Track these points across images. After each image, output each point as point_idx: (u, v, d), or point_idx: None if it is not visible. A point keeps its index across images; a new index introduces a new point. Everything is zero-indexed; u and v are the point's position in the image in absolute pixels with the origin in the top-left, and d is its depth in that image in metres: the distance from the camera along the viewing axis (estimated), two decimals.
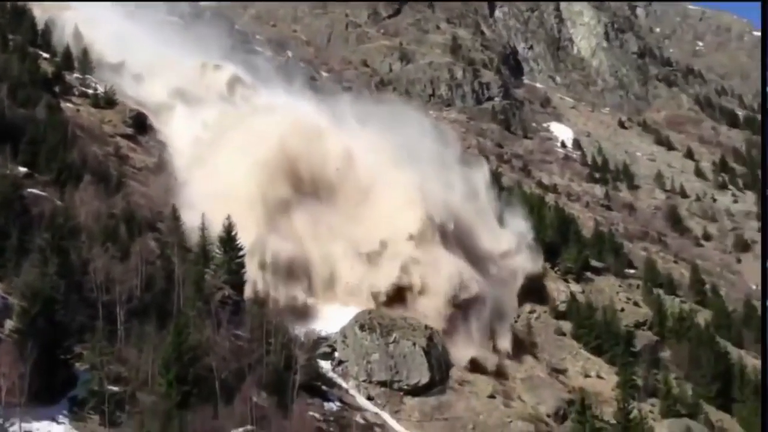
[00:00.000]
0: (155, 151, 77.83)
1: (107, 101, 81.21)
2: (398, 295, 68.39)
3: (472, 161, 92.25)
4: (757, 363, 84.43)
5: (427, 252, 69.78)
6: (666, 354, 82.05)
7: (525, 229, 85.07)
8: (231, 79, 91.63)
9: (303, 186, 71.97)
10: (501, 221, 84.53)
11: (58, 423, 40.37)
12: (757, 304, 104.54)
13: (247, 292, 55.41)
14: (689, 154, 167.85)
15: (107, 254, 49.61)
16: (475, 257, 75.56)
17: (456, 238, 74.29)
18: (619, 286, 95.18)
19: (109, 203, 57.92)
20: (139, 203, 62.77)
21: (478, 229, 79.43)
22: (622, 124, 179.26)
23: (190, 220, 60.20)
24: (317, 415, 50.11)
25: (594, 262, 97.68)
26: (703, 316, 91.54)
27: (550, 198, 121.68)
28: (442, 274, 68.42)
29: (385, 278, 68.04)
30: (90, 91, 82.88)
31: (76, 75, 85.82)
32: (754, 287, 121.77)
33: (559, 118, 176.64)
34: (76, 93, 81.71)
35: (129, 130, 79.70)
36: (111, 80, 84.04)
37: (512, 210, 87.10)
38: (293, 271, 64.62)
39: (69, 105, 76.87)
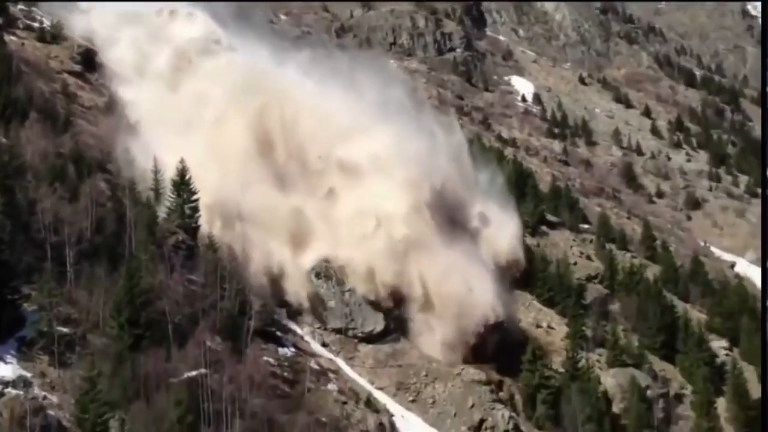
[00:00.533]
0: (105, 89, 75.98)
1: (54, 36, 78.25)
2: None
3: (443, 122, 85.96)
4: (701, 316, 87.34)
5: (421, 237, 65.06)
6: (615, 306, 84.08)
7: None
8: (185, 19, 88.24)
9: (270, 145, 67.76)
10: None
11: (6, 362, 40.12)
12: (704, 260, 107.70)
13: (201, 236, 55.00)
14: (646, 113, 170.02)
15: (55, 195, 48.91)
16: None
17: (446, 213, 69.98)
18: (573, 240, 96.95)
19: (57, 142, 56.64)
20: (88, 143, 61.55)
21: (466, 202, 74.94)
22: (582, 80, 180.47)
23: (143, 162, 59.58)
24: (271, 360, 50.56)
25: (550, 217, 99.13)
26: (652, 271, 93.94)
27: (508, 152, 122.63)
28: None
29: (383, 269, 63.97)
30: (36, 25, 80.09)
31: (20, 6, 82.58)
32: (702, 243, 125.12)
33: (520, 71, 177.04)
34: (21, 26, 78.66)
35: (77, 67, 77.16)
36: (58, 14, 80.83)
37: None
38: (263, 223, 61.70)
39: (13, 38, 74.00)
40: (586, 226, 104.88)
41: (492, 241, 75.11)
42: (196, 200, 56.17)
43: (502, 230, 77.05)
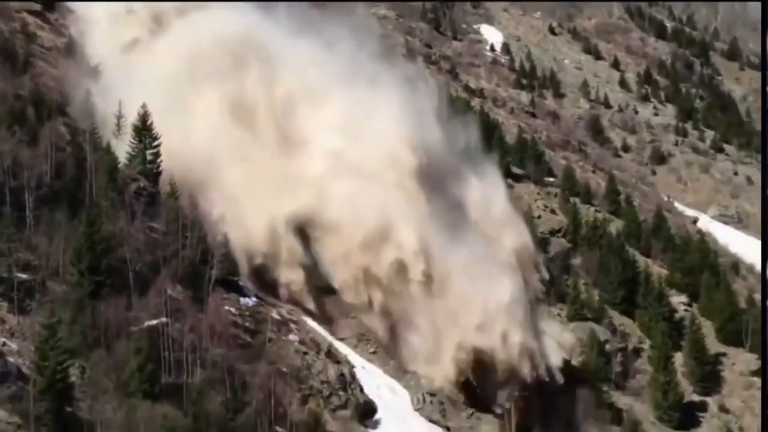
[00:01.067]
0: (65, 30, 74.40)
1: None
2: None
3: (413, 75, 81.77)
4: (662, 272, 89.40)
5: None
6: (577, 261, 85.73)
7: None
8: None
9: (244, 105, 65.21)
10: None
11: None
12: (667, 215, 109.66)
13: (163, 183, 54.63)
14: (615, 65, 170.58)
15: (14, 138, 48.30)
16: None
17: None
18: (538, 193, 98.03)
19: (16, 84, 55.75)
20: (49, 85, 60.55)
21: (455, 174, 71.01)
22: (552, 30, 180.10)
23: (104, 107, 58.76)
24: (233, 310, 50.96)
25: (515, 169, 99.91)
26: (615, 226, 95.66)
27: (476, 103, 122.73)
28: None
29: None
30: None
31: None
32: (665, 199, 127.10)
33: (489, 20, 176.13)
34: None
35: (37, 6, 75.65)
36: None
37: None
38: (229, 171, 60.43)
39: None
40: (551, 179, 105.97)
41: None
42: (158, 146, 55.67)
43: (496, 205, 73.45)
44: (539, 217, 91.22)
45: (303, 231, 61.50)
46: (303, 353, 53.38)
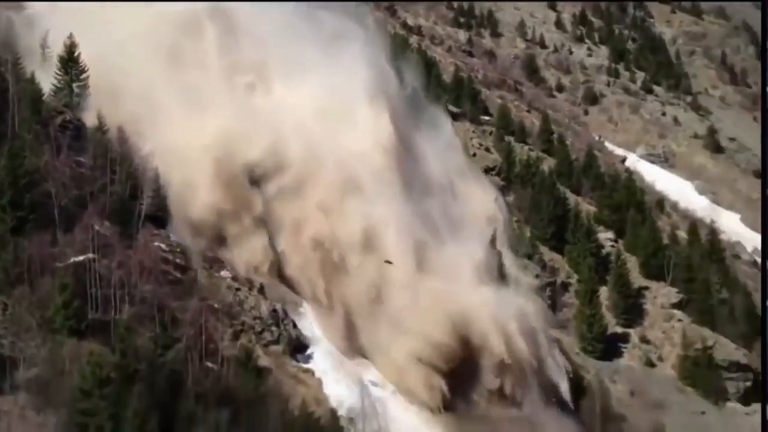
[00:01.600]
0: None
1: None
2: None
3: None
4: (591, 209, 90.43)
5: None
6: (510, 198, 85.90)
7: None
8: None
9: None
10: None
11: None
12: (598, 154, 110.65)
13: (91, 117, 52.09)
14: (552, 5, 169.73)
15: None
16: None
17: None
18: (473, 132, 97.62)
19: None
20: None
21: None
22: None
23: (28, 38, 55.70)
24: (163, 246, 49.40)
25: (452, 107, 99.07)
26: (548, 164, 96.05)
27: (413, 40, 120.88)
28: None
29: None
30: None
31: None
32: (596, 138, 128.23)
33: None
34: None
35: None
36: None
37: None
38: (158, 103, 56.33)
39: None
40: (486, 117, 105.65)
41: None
42: (86, 78, 53.07)
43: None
44: (474, 155, 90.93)
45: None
46: (235, 289, 52.39)
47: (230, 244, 56.00)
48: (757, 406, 68.77)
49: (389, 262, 55.36)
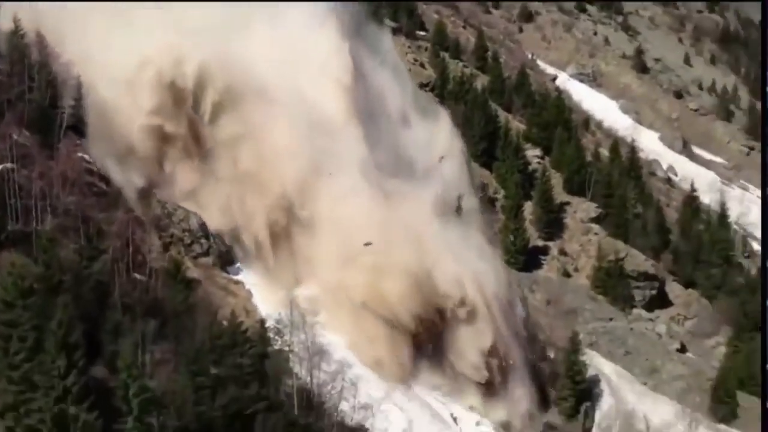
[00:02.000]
0: None
1: None
2: None
3: None
4: (521, 126, 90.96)
5: None
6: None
7: None
8: None
9: None
10: None
11: None
12: (530, 72, 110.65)
13: (6, 21, 48.87)
14: None
15: None
16: None
17: None
18: (409, 47, 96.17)
19: None
20: None
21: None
22: None
23: None
24: (87, 157, 47.62)
25: (388, 22, 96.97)
26: (481, 81, 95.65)
27: None
28: None
29: None
30: None
31: None
32: (529, 56, 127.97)
33: None
34: None
35: None
36: None
37: None
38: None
39: None
40: (422, 33, 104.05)
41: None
42: None
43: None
44: (409, 70, 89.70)
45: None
46: (163, 203, 51.27)
47: (164, 169, 53.22)
48: (660, 312, 74.00)
49: (368, 244, 50.98)
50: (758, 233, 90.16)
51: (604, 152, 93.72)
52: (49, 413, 29.88)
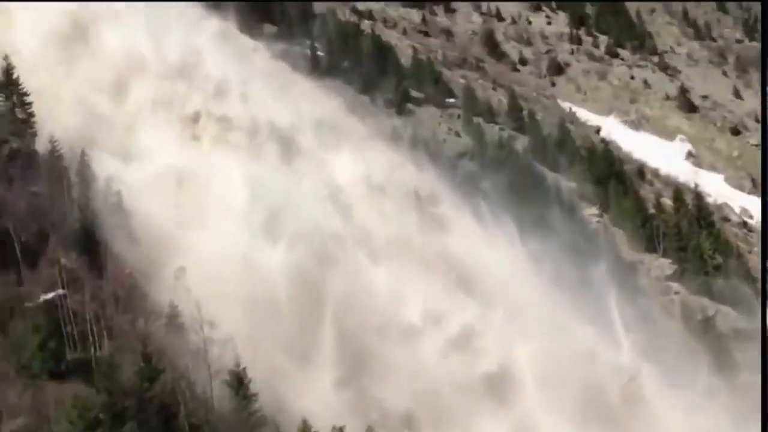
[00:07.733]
0: None
1: None
2: None
3: None
4: (571, 185, 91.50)
5: None
6: (486, 184, 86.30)
7: None
8: None
9: None
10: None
11: None
12: (570, 126, 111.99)
13: (43, 143, 51.27)
14: None
15: None
16: None
17: None
18: (440, 116, 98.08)
19: None
20: None
21: None
22: None
23: None
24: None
25: (414, 93, 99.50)
26: (521, 143, 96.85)
27: (365, 26, 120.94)
28: None
29: None
30: None
31: None
32: (567, 109, 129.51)
33: None
34: None
35: None
36: None
37: None
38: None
39: None
40: (451, 100, 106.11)
41: None
42: (30, 103, 52.32)
43: None
44: (444, 141, 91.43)
45: None
46: None
47: None
48: None
49: None
50: None
51: (667, 201, 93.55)
52: None
